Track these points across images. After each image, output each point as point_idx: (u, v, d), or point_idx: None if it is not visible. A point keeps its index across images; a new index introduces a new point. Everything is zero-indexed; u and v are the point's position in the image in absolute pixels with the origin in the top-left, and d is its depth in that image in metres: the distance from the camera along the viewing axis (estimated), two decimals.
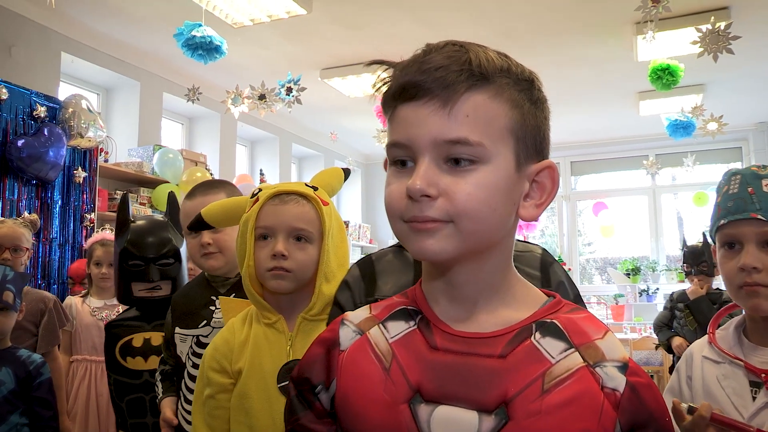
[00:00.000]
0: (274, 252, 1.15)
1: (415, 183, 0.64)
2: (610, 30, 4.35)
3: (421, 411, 0.66)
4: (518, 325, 0.68)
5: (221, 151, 5.73)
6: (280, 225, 1.17)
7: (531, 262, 1.20)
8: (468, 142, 0.64)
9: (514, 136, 0.67)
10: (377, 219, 7.93)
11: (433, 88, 0.64)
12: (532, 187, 0.70)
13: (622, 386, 0.65)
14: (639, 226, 7.57)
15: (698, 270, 3.72)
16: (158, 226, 1.92)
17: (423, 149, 0.65)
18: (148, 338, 1.84)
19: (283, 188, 1.20)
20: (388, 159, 0.71)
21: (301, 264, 1.17)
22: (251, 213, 1.19)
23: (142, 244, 1.87)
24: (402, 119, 0.67)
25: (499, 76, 0.66)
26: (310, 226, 1.18)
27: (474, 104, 0.65)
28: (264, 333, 1.20)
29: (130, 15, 4.10)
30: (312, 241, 1.19)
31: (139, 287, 1.86)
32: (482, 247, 0.68)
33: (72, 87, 4.56)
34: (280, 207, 1.17)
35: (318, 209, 1.19)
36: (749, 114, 6.47)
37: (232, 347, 1.20)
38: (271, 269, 1.16)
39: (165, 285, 1.88)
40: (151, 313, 1.88)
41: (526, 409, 0.63)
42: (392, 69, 0.70)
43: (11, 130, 3.39)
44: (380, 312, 0.76)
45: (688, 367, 1.23)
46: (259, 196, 1.20)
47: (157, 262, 1.86)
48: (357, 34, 4.37)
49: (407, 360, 0.69)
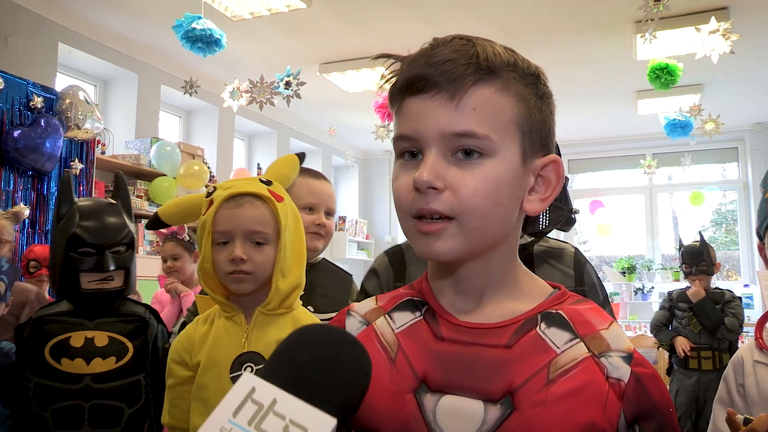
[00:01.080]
0: (233, 257, 1.18)
1: (422, 175, 0.64)
2: (610, 29, 4.35)
3: (427, 400, 0.66)
4: (524, 315, 0.69)
5: (219, 144, 5.72)
6: (237, 229, 1.19)
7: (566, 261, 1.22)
8: (475, 135, 0.64)
9: (520, 130, 0.67)
10: (374, 214, 7.92)
11: (441, 81, 0.65)
12: (537, 181, 0.70)
13: (627, 376, 0.65)
14: (635, 224, 7.58)
15: (698, 269, 3.74)
16: (110, 210, 1.71)
17: (430, 142, 0.66)
18: (90, 338, 1.61)
19: (237, 190, 1.21)
20: (395, 152, 0.71)
21: (259, 265, 1.20)
22: (207, 217, 1.20)
23: (95, 229, 1.65)
24: (409, 112, 0.67)
25: (505, 71, 0.67)
26: (267, 227, 1.20)
27: (481, 98, 0.65)
28: (224, 326, 1.24)
29: (129, 6, 4.08)
30: (269, 242, 1.21)
31: (90, 278, 1.63)
32: (488, 242, 0.69)
33: (69, 78, 4.54)
34: (235, 210, 1.19)
35: (273, 208, 1.21)
36: (746, 115, 6.49)
37: (192, 341, 1.25)
38: (231, 273, 1.19)
39: (118, 276, 1.67)
40: (94, 308, 1.66)
41: (531, 398, 0.64)
42: (399, 63, 0.70)
43: (7, 121, 3.37)
44: (386, 303, 0.77)
45: (738, 374, 1.19)
46: (214, 198, 1.21)
47: (111, 250, 1.66)
48: (357, 29, 4.36)
49: (413, 350, 0.70)
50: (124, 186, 1.81)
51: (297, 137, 6.90)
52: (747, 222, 7.08)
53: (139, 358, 1.66)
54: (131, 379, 1.63)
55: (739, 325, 3.63)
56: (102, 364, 1.60)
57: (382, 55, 0.72)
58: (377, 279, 1.35)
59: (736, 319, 3.61)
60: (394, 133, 0.70)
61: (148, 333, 1.71)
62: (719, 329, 3.60)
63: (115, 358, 1.62)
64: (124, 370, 1.62)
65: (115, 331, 1.65)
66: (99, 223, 1.67)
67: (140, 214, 4.50)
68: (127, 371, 1.63)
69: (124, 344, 1.65)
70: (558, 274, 1.22)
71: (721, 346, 3.67)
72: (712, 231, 7.85)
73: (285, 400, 0.54)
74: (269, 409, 0.53)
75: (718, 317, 3.60)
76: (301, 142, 6.99)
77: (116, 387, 1.60)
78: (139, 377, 1.65)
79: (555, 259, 1.24)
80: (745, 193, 7.13)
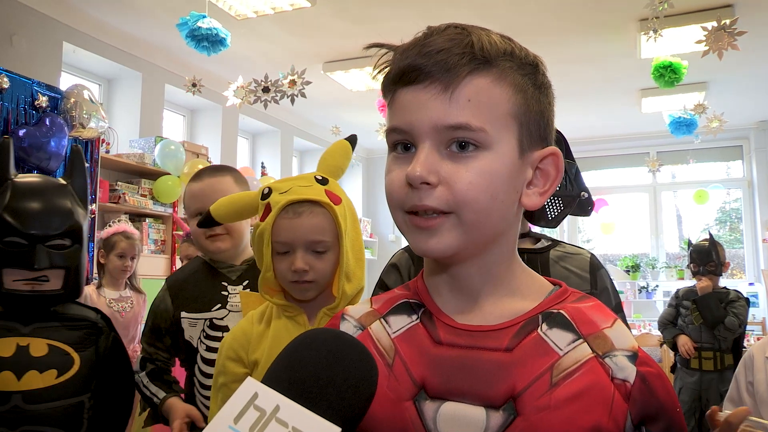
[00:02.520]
0: (295, 268, 1.16)
1: (414, 170, 0.62)
2: (614, 27, 4.34)
3: (427, 408, 0.64)
4: (524, 316, 0.67)
5: (222, 143, 5.73)
6: (298, 240, 1.16)
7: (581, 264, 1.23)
8: (469, 127, 0.62)
9: (517, 122, 0.65)
10: (378, 213, 7.93)
11: (434, 71, 0.62)
12: (536, 174, 0.68)
13: (633, 376, 0.63)
14: (639, 223, 7.57)
15: (706, 270, 3.71)
16: (54, 191, 1.36)
17: (423, 135, 0.63)
18: (24, 346, 1.29)
19: (295, 197, 1.17)
20: (388, 144, 0.68)
21: (321, 273, 1.18)
22: (266, 226, 1.18)
23: (28, 213, 1.30)
24: (402, 104, 0.65)
25: (502, 60, 0.64)
26: (326, 235, 1.18)
27: (476, 88, 0.62)
28: (285, 326, 1.21)
29: (133, 5, 4.09)
30: (330, 249, 1.19)
31: (15, 276, 1.29)
32: (486, 237, 0.66)
33: (73, 77, 4.55)
34: (295, 221, 1.16)
35: (332, 214, 1.18)
36: (750, 113, 6.46)
37: (249, 338, 1.21)
38: (294, 281, 1.18)
39: (55, 276, 1.32)
40: (28, 311, 1.34)
41: (534, 403, 0.61)
42: (392, 52, 0.68)
43: (12, 120, 3.38)
44: (381, 306, 0.74)
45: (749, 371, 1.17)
46: (271, 203, 1.18)
47: (48, 243, 1.30)
48: (360, 27, 4.36)
49: (410, 355, 0.67)
50: (80, 163, 1.45)
51: (301, 136, 6.90)
52: (751, 220, 7.05)
53: (86, 374, 1.35)
54: (73, 400, 1.32)
55: (739, 325, 3.59)
56: (38, 378, 1.26)
57: (373, 45, 0.69)
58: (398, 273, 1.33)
59: (737, 319, 3.57)
60: (387, 126, 0.68)
61: (98, 343, 1.41)
62: (718, 327, 3.57)
63: (57, 372, 1.30)
64: (66, 387, 1.31)
65: (58, 339, 1.34)
66: (37, 206, 1.31)
67: (144, 212, 4.51)
68: (70, 390, 1.31)
69: (69, 355, 1.34)
70: (573, 277, 1.22)
71: (722, 347, 3.64)
72: (717, 229, 7.83)
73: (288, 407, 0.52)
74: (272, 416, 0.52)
75: (720, 314, 3.57)
76: (304, 140, 6.99)
77: (53, 410, 1.28)
78: (82, 398, 1.34)
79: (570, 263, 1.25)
80: (749, 191, 7.11)
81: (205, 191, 1.55)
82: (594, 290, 1.18)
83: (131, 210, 4.36)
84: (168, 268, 4.56)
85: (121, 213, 4.22)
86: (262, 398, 0.53)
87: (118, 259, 2.99)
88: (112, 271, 3.01)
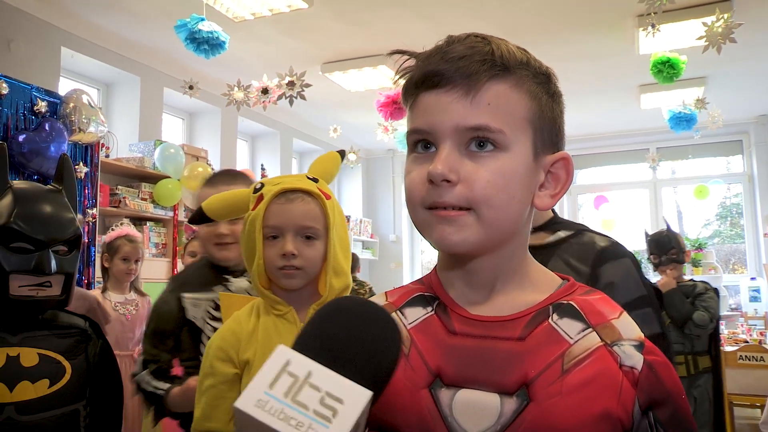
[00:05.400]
0: (284, 252, 1.17)
1: (436, 167, 0.65)
2: (612, 23, 4.34)
3: (443, 395, 0.67)
4: (535, 307, 0.70)
5: (222, 145, 5.73)
6: (289, 224, 1.19)
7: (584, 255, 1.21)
8: (489, 129, 0.66)
9: (532, 127, 0.69)
10: (378, 214, 7.92)
11: (456, 77, 0.66)
12: (547, 177, 0.71)
13: (640, 364, 0.66)
14: (640, 219, 7.56)
15: (668, 258, 3.48)
16: (53, 198, 1.38)
17: (445, 136, 0.67)
18: (14, 356, 1.27)
19: (288, 185, 1.21)
20: (408, 146, 0.72)
21: (310, 261, 1.20)
22: (258, 212, 1.20)
23: (37, 219, 1.31)
24: (424, 107, 0.68)
25: (519, 68, 0.68)
26: (317, 223, 1.21)
27: (495, 93, 0.66)
28: (274, 324, 1.21)
29: (131, 9, 4.09)
30: (319, 237, 1.21)
31: (22, 282, 1.28)
32: (502, 234, 0.69)
33: (72, 82, 4.55)
34: (287, 206, 1.19)
35: (322, 205, 1.22)
36: (750, 107, 6.46)
37: (239, 337, 1.21)
38: (281, 268, 1.19)
39: (56, 282, 1.33)
40: (20, 320, 1.32)
41: (546, 390, 0.64)
42: (413, 59, 0.71)
43: (12, 125, 3.38)
44: (397, 299, 0.77)
45: None
46: (263, 193, 1.21)
47: (53, 248, 1.32)
48: (358, 28, 4.36)
49: (426, 345, 0.70)
50: (70, 170, 1.46)
51: (300, 137, 6.90)
52: (752, 215, 7.05)
53: (79, 382, 1.34)
54: (68, 408, 1.31)
55: (711, 320, 3.31)
56: (30, 389, 1.25)
57: (395, 52, 0.73)
58: None
59: (707, 313, 3.30)
60: (408, 128, 0.71)
61: (88, 350, 1.40)
62: (687, 324, 3.32)
63: (49, 382, 1.29)
64: (59, 396, 1.29)
65: (48, 348, 1.32)
66: (45, 212, 1.33)
67: (145, 216, 4.51)
68: (64, 398, 1.30)
69: (60, 363, 1.32)
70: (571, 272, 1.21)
71: (695, 349, 3.38)
72: (717, 224, 7.83)
73: (320, 373, 0.54)
74: (305, 382, 0.54)
75: (687, 310, 3.33)
76: (304, 142, 6.99)
77: (49, 420, 1.27)
78: (77, 406, 1.33)
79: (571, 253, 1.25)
80: (749, 186, 7.10)
81: None
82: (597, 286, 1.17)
83: (132, 214, 4.36)
84: (169, 271, 4.56)
85: (122, 217, 4.22)
86: (294, 365, 0.55)
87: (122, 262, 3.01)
88: (116, 275, 3.02)
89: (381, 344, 0.58)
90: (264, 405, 0.52)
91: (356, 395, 0.53)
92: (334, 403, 0.53)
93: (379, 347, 0.58)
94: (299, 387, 0.54)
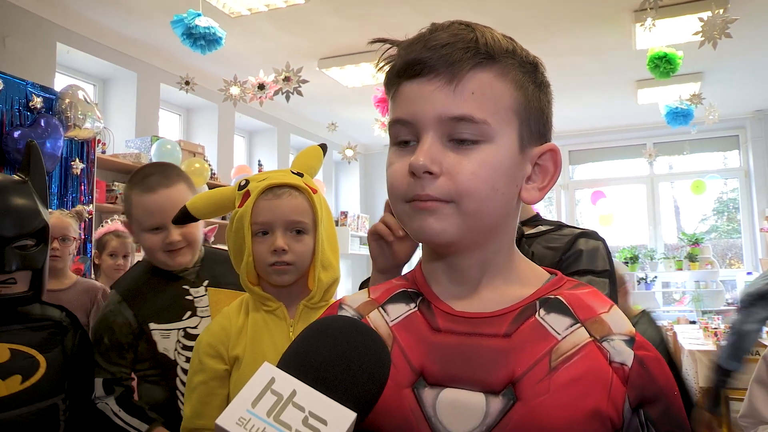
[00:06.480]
0: (275, 248, 1.16)
1: (418, 159, 0.63)
2: (609, 18, 4.33)
3: (426, 395, 0.64)
4: (522, 302, 0.67)
5: (219, 141, 5.72)
6: (278, 220, 1.18)
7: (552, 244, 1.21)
8: (473, 119, 0.63)
9: (518, 117, 0.66)
10: (376, 209, 7.92)
11: (439, 65, 0.63)
12: (535, 170, 0.69)
13: (630, 360, 0.64)
14: (637, 214, 7.58)
15: None
16: (18, 189, 1.30)
17: (427, 126, 0.64)
18: None
19: (275, 181, 1.20)
20: (390, 137, 0.69)
21: (300, 256, 1.19)
22: (245, 209, 1.18)
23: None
24: (406, 96, 0.66)
25: (504, 57, 0.65)
26: (306, 217, 1.20)
27: (480, 82, 0.64)
28: (264, 320, 1.21)
29: (127, 5, 4.07)
30: (308, 232, 1.21)
31: None
32: (486, 228, 0.67)
33: (68, 78, 4.53)
34: (275, 201, 1.18)
35: (310, 199, 1.21)
36: (747, 102, 6.47)
37: (229, 333, 1.20)
38: (272, 264, 1.18)
39: (22, 279, 1.28)
40: None
41: (534, 388, 0.62)
42: (395, 47, 0.69)
43: (7, 121, 3.37)
44: (379, 295, 0.75)
45: None
46: (250, 190, 1.20)
47: (15, 244, 1.25)
48: (355, 23, 4.35)
49: (409, 343, 0.68)
50: (38, 159, 1.37)
51: (297, 133, 6.89)
52: (749, 210, 7.07)
53: (56, 376, 1.30)
54: (44, 404, 1.27)
55: None
56: (1, 386, 1.22)
57: (377, 40, 0.70)
58: None
59: None
60: (390, 118, 0.68)
61: (65, 342, 1.36)
62: None
63: (21, 377, 1.25)
64: (34, 392, 1.26)
65: (20, 342, 1.28)
66: (3, 205, 1.26)
67: None
68: (39, 393, 1.27)
69: (33, 358, 1.29)
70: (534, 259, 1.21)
71: None
72: (714, 219, 7.85)
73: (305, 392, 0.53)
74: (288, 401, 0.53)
75: None
76: (301, 137, 6.98)
77: (23, 416, 1.23)
78: (55, 400, 1.30)
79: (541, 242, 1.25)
80: (746, 181, 7.12)
81: (163, 206, 1.46)
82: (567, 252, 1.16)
83: None
84: None
85: (119, 213, 4.21)
86: (279, 383, 0.54)
87: (110, 258, 2.97)
88: (105, 271, 2.99)
89: (368, 366, 0.56)
90: (245, 423, 0.51)
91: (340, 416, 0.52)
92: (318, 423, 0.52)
93: (366, 369, 0.56)
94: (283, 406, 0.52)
